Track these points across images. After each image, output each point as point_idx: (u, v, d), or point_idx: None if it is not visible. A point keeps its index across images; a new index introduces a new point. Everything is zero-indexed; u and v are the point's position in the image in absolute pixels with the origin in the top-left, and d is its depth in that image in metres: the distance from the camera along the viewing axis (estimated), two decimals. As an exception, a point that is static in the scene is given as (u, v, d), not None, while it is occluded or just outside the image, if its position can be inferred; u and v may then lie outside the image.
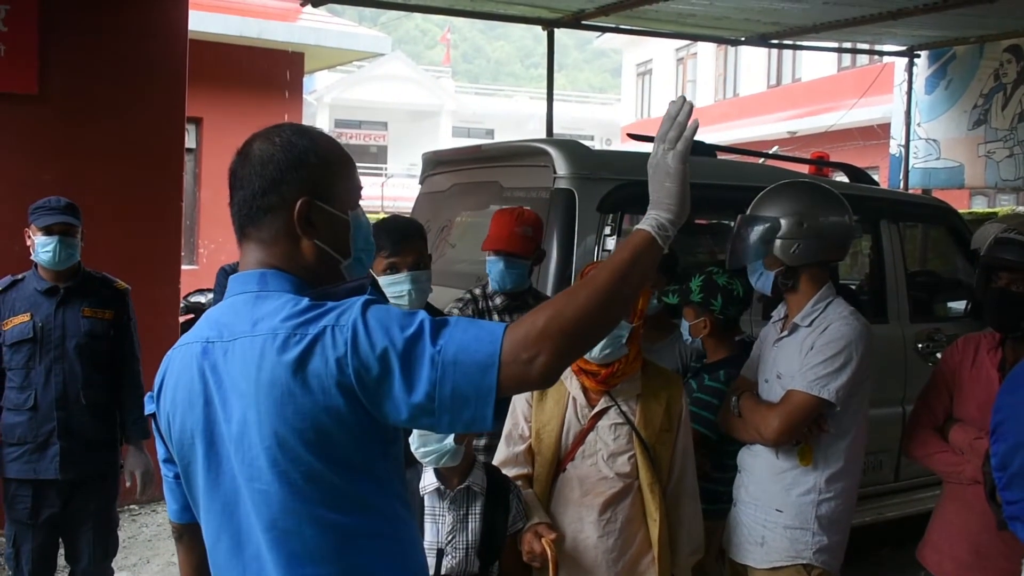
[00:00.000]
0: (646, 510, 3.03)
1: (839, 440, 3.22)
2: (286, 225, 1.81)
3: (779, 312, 3.47)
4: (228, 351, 1.74)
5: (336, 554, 1.73)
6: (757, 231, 3.29)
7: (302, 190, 1.80)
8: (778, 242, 3.24)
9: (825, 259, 3.33)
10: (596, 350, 2.97)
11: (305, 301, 1.72)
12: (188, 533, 2.03)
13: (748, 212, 3.41)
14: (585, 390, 3.09)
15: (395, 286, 3.37)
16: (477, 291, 4.04)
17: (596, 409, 3.07)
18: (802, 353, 3.20)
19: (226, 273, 5.98)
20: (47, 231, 4.05)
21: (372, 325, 1.64)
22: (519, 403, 3.21)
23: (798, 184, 3.56)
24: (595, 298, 1.69)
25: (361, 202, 1.94)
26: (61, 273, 4.16)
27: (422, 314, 1.67)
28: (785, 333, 3.31)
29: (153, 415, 1.92)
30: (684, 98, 1.87)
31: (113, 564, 4.45)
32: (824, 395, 3.09)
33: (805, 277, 3.29)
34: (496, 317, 3.93)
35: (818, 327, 3.21)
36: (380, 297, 1.76)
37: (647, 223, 1.81)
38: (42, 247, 4.06)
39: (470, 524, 2.91)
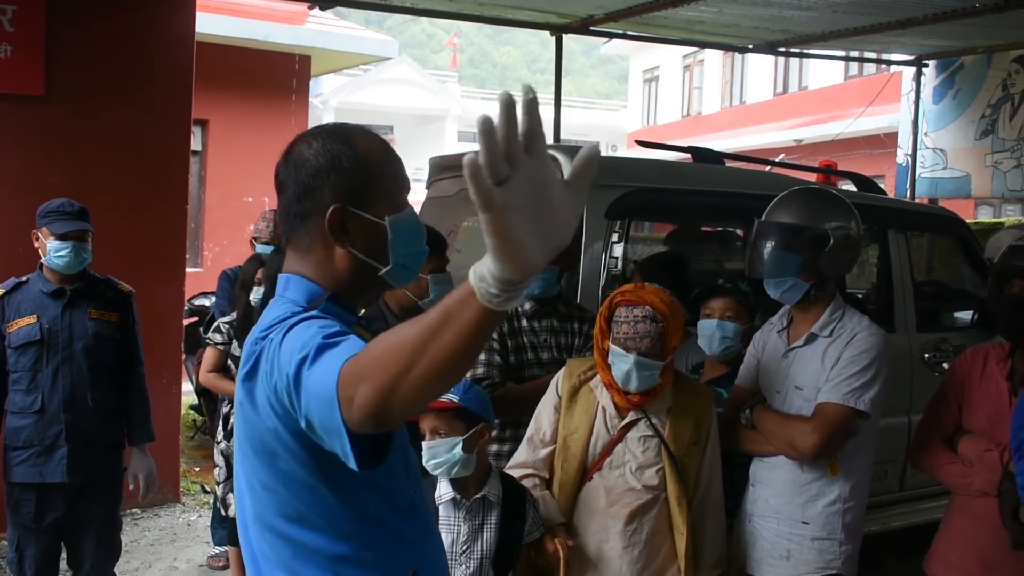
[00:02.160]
0: (673, 523, 3.03)
1: (862, 449, 3.21)
2: (321, 233, 1.78)
3: (781, 321, 3.41)
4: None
5: (287, 567, 1.73)
6: (799, 242, 3.20)
7: (335, 196, 1.77)
8: (827, 255, 3.18)
9: (850, 271, 3.35)
10: (632, 387, 2.97)
11: (289, 311, 1.71)
12: None
13: (769, 219, 3.32)
14: (616, 402, 3.09)
15: (445, 284, 3.62)
16: None
17: (625, 421, 3.06)
18: (826, 364, 3.15)
19: (228, 277, 5.97)
20: (63, 237, 4.04)
21: (283, 348, 1.59)
22: (544, 408, 3.22)
23: (827, 193, 3.48)
24: (403, 355, 1.39)
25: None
26: (68, 275, 4.14)
27: (325, 332, 1.57)
28: (800, 343, 3.26)
29: None
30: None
31: (115, 569, 4.43)
32: (860, 406, 3.07)
33: (828, 288, 3.26)
34: (525, 323, 3.93)
35: (839, 337, 3.18)
36: (336, 312, 1.72)
37: (476, 270, 1.32)
38: (56, 252, 4.05)
39: (485, 534, 2.89)
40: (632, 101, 32.02)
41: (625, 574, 2.99)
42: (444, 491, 2.91)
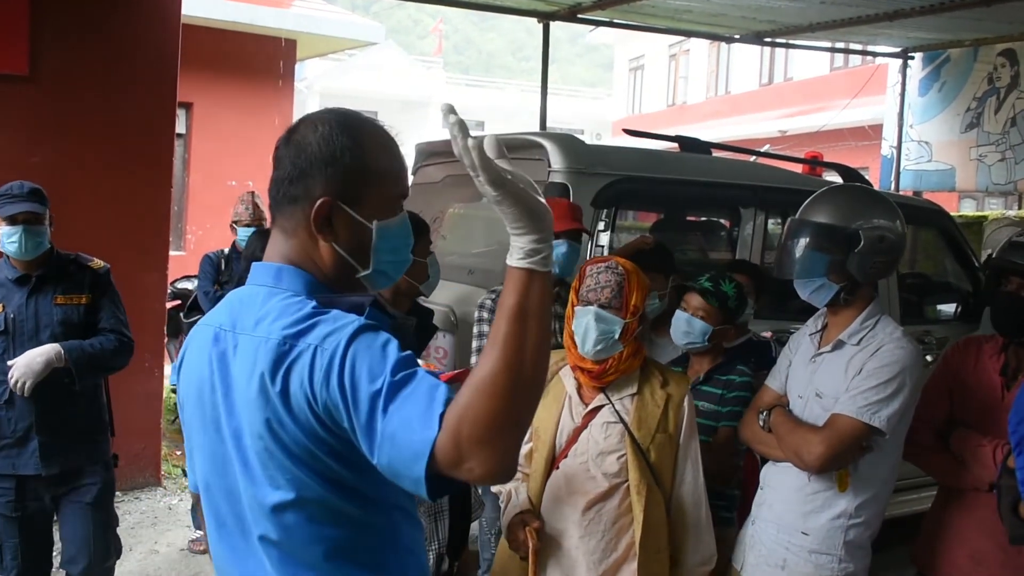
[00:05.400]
0: (633, 512, 2.94)
1: (878, 465, 3.07)
2: (306, 219, 1.75)
3: (816, 324, 3.29)
4: (236, 345, 1.71)
5: (325, 563, 1.70)
6: (829, 241, 3.07)
7: (327, 189, 1.73)
8: (856, 257, 3.03)
9: (887, 276, 3.24)
10: (588, 346, 2.92)
11: (308, 307, 1.66)
12: None
13: (803, 217, 3.19)
14: (579, 387, 3.04)
15: (435, 265, 3.83)
16: None
17: (589, 407, 3.00)
18: (848, 373, 3.02)
19: (211, 260, 5.93)
20: (11, 221, 3.83)
21: (347, 364, 1.56)
22: None
23: (867, 192, 3.34)
24: (503, 379, 1.48)
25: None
26: (32, 261, 3.93)
27: (391, 360, 1.56)
28: (827, 349, 3.13)
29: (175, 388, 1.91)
30: (449, 109, 1.54)
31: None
32: (875, 422, 2.91)
33: (862, 293, 3.12)
34: None
35: (867, 347, 3.03)
36: (379, 318, 1.67)
37: (514, 257, 1.54)
38: (7, 238, 3.84)
39: (440, 524, 2.87)
40: (617, 90, 32.00)
41: (581, 563, 2.92)
42: None
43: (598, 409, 3.00)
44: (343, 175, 1.74)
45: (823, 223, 3.11)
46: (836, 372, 3.06)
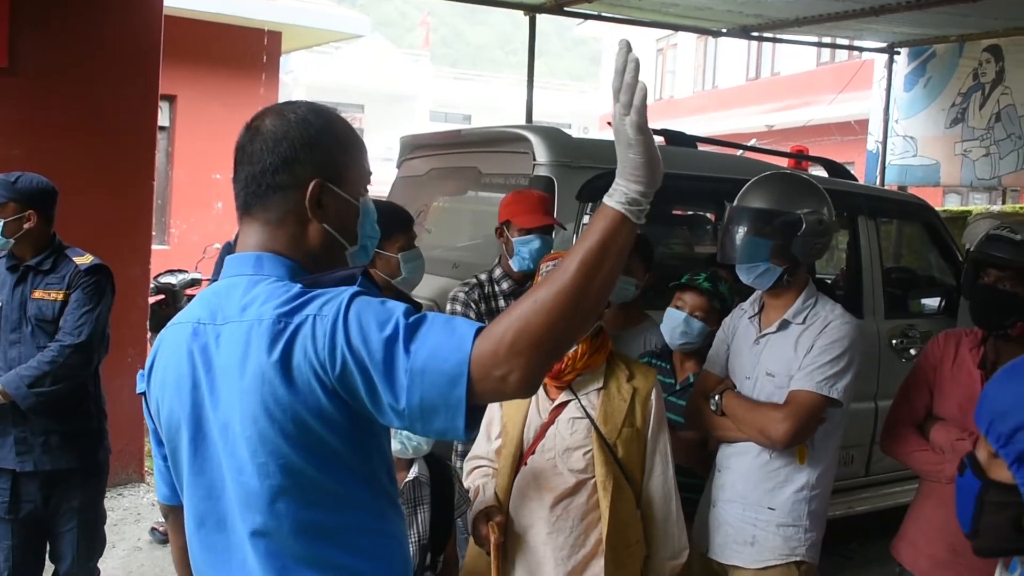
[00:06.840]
0: (600, 507, 2.92)
1: (830, 437, 3.21)
2: (295, 206, 1.77)
3: (753, 307, 3.38)
4: (219, 335, 1.71)
5: (314, 552, 1.69)
6: (771, 226, 3.17)
7: (315, 171, 1.77)
8: (799, 239, 3.15)
9: (823, 256, 3.34)
10: None
11: (296, 288, 1.67)
12: (174, 514, 1.98)
13: (741, 204, 3.28)
14: (545, 384, 3.02)
15: (415, 260, 3.74)
16: (483, 276, 4.09)
17: (555, 403, 2.99)
18: (799, 351, 3.14)
19: (231, 248, 5.85)
20: None
21: (352, 322, 1.58)
22: None
23: (800, 179, 3.45)
24: (564, 301, 1.54)
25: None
26: (25, 251, 3.88)
27: (399, 310, 1.60)
28: (772, 329, 3.24)
29: (143, 394, 1.89)
30: (628, 45, 1.59)
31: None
32: (833, 395, 3.05)
33: (800, 274, 3.24)
34: (503, 302, 3.96)
35: (812, 324, 3.16)
36: (371, 288, 1.69)
37: (615, 199, 1.60)
38: None
39: (419, 516, 2.85)
40: (605, 83, 32.00)
41: (549, 559, 2.90)
42: None
43: (564, 405, 2.99)
44: (327, 156, 1.79)
45: (768, 209, 3.21)
46: (785, 351, 3.19)
